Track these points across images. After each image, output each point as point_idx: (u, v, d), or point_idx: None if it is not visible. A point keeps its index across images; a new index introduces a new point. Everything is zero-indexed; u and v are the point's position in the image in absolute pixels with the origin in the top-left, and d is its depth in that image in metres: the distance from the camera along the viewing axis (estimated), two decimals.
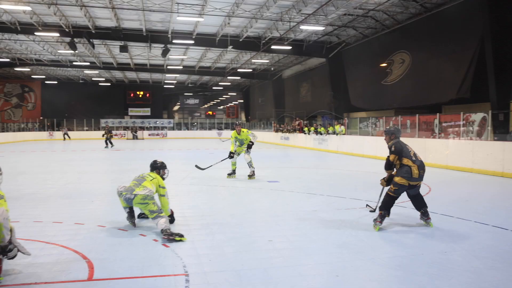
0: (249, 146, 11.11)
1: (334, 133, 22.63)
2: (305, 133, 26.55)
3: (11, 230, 4.00)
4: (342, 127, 22.25)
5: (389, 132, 6.15)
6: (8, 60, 35.88)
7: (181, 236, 5.29)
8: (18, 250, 4.03)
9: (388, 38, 23.82)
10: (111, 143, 26.37)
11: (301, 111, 35.79)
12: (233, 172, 11.27)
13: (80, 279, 3.92)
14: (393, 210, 5.96)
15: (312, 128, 25.99)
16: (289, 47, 27.73)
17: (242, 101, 56.82)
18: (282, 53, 31.00)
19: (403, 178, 5.75)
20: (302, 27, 23.10)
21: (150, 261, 4.46)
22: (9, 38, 28.76)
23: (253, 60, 34.72)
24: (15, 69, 39.91)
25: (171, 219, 6.05)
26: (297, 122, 29.87)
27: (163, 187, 5.96)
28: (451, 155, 13.63)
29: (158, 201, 5.83)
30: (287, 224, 6.13)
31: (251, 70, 40.72)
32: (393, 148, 5.92)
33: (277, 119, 39.59)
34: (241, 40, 27.35)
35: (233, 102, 59.88)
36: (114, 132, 44.55)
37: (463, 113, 14.15)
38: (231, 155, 11.18)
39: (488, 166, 12.19)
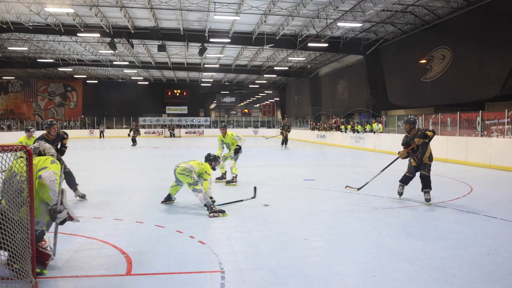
0: (236, 151, 10.00)
1: (371, 131, 22.24)
2: (341, 131, 26.24)
3: (62, 192, 4.14)
4: (380, 125, 21.82)
5: (411, 122, 7.45)
6: (52, 60, 37.26)
7: (224, 212, 6.47)
8: (68, 215, 4.17)
9: (428, 33, 23.17)
10: (134, 141, 26.43)
11: (338, 109, 35.38)
12: (222, 176, 10.35)
13: (119, 273, 4.03)
14: (435, 212, 5.81)
15: (349, 126, 25.65)
16: (326, 45, 27.43)
17: (278, 99, 56.74)
18: (319, 50, 30.72)
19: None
20: (339, 24, 22.82)
21: (186, 257, 4.52)
22: (53, 39, 29.87)
23: (289, 58, 34.59)
24: (59, 69, 41.39)
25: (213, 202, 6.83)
26: (333, 120, 29.55)
27: (209, 174, 7.01)
28: (494, 154, 13.13)
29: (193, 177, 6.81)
30: (323, 223, 6.08)
31: (287, 68, 40.58)
32: (431, 128, 6.52)
33: (313, 117, 39.31)
34: (277, 38, 27.29)
35: (269, 100, 59.85)
36: (152, 130, 45.54)
37: (508, 110, 13.60)
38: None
39: None
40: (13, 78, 48.52)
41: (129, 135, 27.53)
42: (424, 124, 18.14)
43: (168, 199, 7.41)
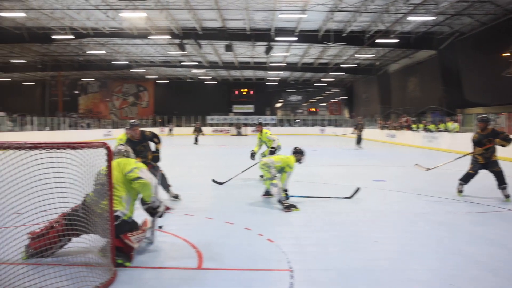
0: (271, 152, 9.73)
1: (445, 130, 21.20)
2: (413, 130, 25.27)
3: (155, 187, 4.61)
4: (455, 124, 20.75)
5: (486, 120, 7.64)
6: (126, 62, 39.26)
7: (295, 206, 6.75)
8: (165, 207, 4.58)
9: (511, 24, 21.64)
10: (196, 140, 26.63)
11: (409, 107, 34.13)
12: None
13: (190, 266, 4.15)
14: None
15: (421, 125, 24.63)
16: (396, 40, 26.55)
17: (346, 97, 55.74)
18: (388, 46, 29.79)
19: None
20: (410, 18, 21.97)
21: (255, 254, 4.56)
22: (127, 42, 31.43)
23: (357, 55, 33.85)
24: (132, 70, 43.49)
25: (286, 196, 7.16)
26: (404, 119, 28.53)
27: (290, 167, 7.21)
28: None
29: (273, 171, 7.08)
30: (395, 225, 5.89)
31: (355, 65, 39.77)
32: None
33: (382, 116, 38.19)
34: (344, 35, 26.83)
35: (336, 99, 58.92)
36: (219, 128, 46.48)
37: None
38: (252, 155, 10.25)
39: None
40: (92, 79, 51.81)
41: (194, 132, 28.14)
42: (507, 123, 16.99)
43: (268, 193, 7.78)
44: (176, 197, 7.54)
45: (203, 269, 4.10)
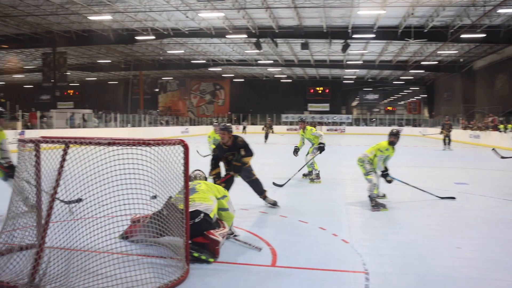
0: (320, 149, 9.47)
1: None
2: (500, 131, 23.61)
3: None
4: None
5: None
6: (204, 61, 40.53)
7: (384, 206, 6.64)
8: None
9: None
10: (266, 137, 26.38)
11: (496, 106, 31.89)
12: (310, 173, 9.87)
13: (265, 264, 4.22)
14: None
15: (509, 126, 22.95)
16: (483, 35, 24.97)
17: (425, 95, 53.30)
18: (474, 42, 28.07)
19: None
20: (500, 10, 20.54)
21: (329, 254, 4.54)
22: (205, 42, 32.42)
23: (438, 52, 32.27)
24: (209, 69, 44.79)
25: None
26: (490, 119, 26.73)
27: (381, 151, 7.06)
28: None
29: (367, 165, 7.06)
30: (478, 232, 5.58)
31: (436, 63, 37.92)
32: None
33: (466, 116, 36.03)
34: (425, 30, 25.67)
35: (415, 97, 56.53)
36: (294, 127, 46.48)
37: None
38: (296, 150, 9.93)
39: None
40: (171, 78, 54.10)
41: (263, 129, 28.18)
42: None
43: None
44: (274, 204, 6.78)
45: (277, 266, 4.15)
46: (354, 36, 26.63)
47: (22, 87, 54.88)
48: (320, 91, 52.92)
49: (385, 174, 7.15)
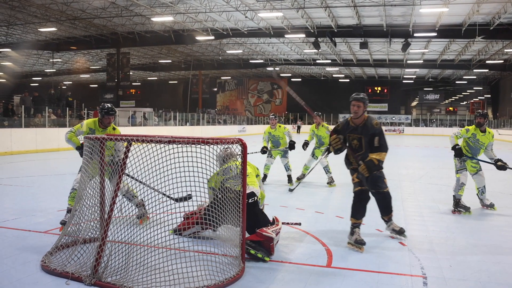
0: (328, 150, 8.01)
1: None
2: None
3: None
4: None
5: None
6: (262, 61, 40.78)
7: (468, 210, 6.40)
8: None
9: None
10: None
11: None
12: (303, 176, 9.14)
13: (320, 264, 4.21)
14: None
15: None
16: None
17: (489, 96, 50.55)
18: None
19: None
20: None
21: (386, 256, 4.46)
22: (264, 41, 32.62)
23: (505, 50, 30.51)
24: (267, 68, 45.00)
25: None
26: None
27: (467, 132, 6.58)
28: None
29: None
30: None
31: (502, 61, 35.84)
32: None
33: None
34: (491, 28, 24.32)
35: (479, 97, 53.74)
36: None
37: None
38: (306, 144, 9.14)
39: None
40: (229, 77, 54.93)
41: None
42: None
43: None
44: (400, 232, 5.10)
45: (332, 267, 4.13)
46: (415, 34, 25.75)
47: (88, 86, 57.88)
48: (378, 91, 51.66)
49: (496, 160, 6.53)
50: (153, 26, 28.72)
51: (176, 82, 55.91)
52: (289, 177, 9.17)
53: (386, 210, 5.04)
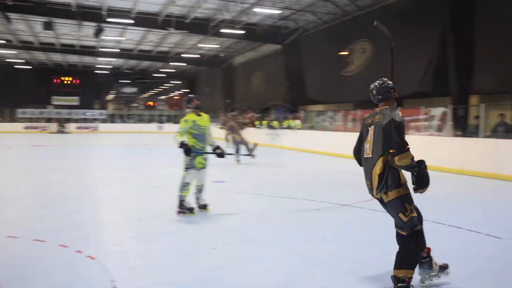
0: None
1: (288, 127, 22.88)
2: (256, 127, 26.69)
3: None
4: (298, 121, 22.51)
5: None
6: None
7: (192, 211, 6.75)
8: None
9: (349, 25, 24.13)
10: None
11: (253, 103, 35.77)
12: None
13: None
14: (350, 214, 6.06)
15: (264, 122, 26.16)
16: (241, 32, 27.67)
17: (188, 90, 56.20)
18: (234, 37, 30.84)
19: None
20: (256, 9, 23.08)
21: (73, 276, 4.34)
22: None
23: (200, 45, 34.40)
24: None
25: None
26: (249, 115, 29.88)
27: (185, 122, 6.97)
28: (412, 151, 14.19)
29: None
30: (235, 230, 6.16)
31: (198, 56, 40.28)
32: None
33: (226, 112, 39.38)
34: (187, 21, 26.93)
35: (177, 92, 59.00)
36: (34, 124, 42.89)
37: (424, 107, 15.09)
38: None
39: (449, 163, 12.86)
40: None
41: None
42: (343, 120, 19.08)
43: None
44: None
45: None
46: (109, 20, 26.02)
47: None
48: (68, 82, 50.05)
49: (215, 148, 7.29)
50: None
51: None
52: None
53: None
